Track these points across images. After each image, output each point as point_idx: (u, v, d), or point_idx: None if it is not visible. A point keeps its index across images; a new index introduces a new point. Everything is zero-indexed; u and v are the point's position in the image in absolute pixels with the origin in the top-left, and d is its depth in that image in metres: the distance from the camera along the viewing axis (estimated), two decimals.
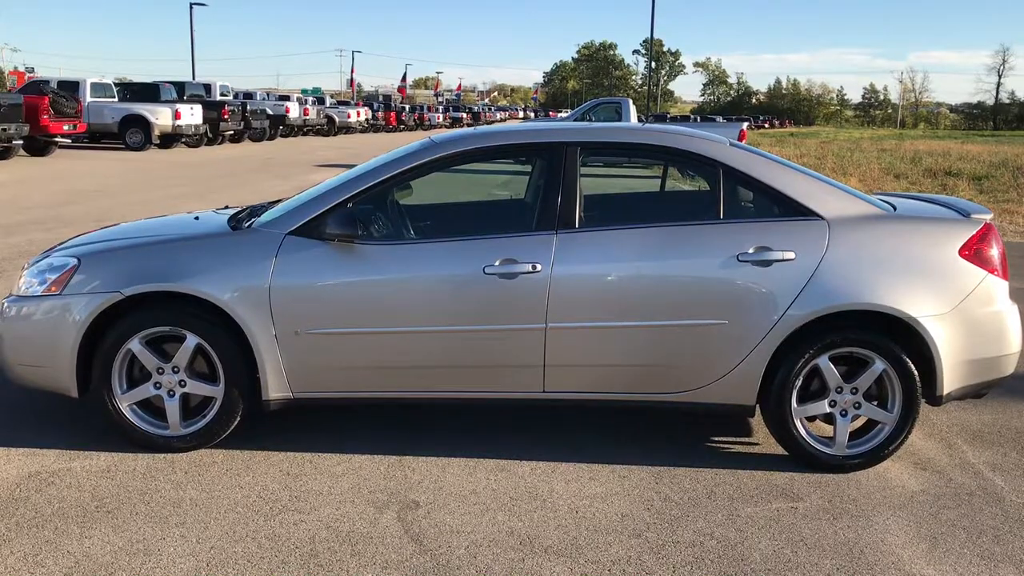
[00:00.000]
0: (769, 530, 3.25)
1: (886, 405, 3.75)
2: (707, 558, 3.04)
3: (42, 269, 3.89)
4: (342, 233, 3.68)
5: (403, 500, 3.43)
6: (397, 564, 2.95)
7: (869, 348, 3.68)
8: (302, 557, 2.98)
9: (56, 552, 2.96)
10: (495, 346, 3.71)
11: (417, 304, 3.70)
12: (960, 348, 3.68)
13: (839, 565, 3.01)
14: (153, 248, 3.86)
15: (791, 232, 3.71)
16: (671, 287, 3.69)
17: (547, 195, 3.82)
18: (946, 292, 3.67)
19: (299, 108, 36.70)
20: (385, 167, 3.91)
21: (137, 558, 2.94)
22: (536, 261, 3.66)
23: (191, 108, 25.52)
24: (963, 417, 4.51)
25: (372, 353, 3.73)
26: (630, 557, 3.04)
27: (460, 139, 4.01)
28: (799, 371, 3.69)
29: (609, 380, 3.77)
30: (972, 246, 3.74)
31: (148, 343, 3.74)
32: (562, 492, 3.53)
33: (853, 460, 3.77)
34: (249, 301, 3.66)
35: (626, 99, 22.71)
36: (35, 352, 3.79)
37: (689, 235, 3.75)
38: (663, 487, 3.60)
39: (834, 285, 3.63)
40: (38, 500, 3.35)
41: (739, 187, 3.90)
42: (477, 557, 3.01)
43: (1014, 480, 3.75)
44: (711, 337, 3.68)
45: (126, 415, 3.78)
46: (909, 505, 3.48)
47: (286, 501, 3.39)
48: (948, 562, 3.05)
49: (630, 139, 4.16)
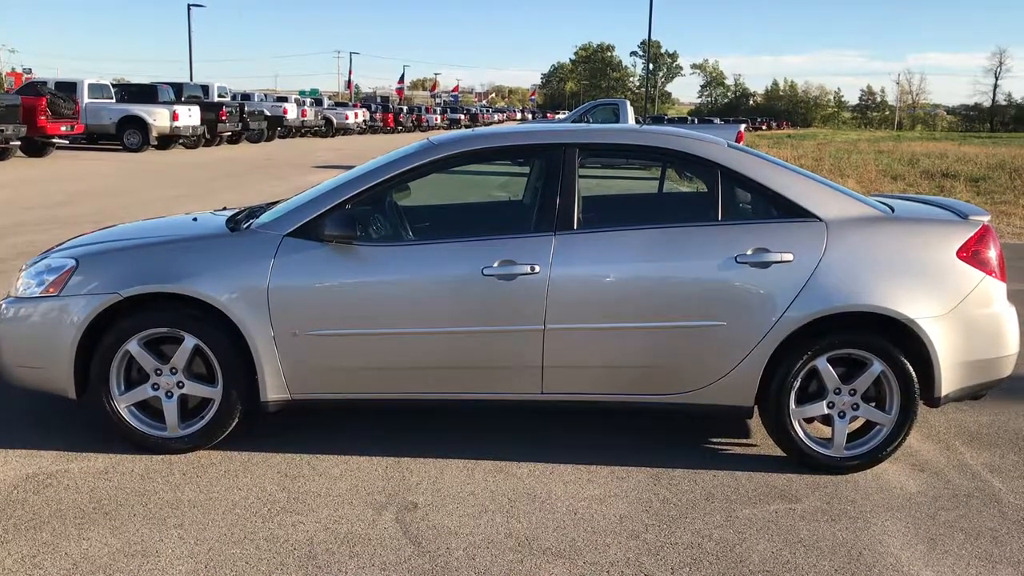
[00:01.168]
0: (767, 531, 3.25)
1: (884, 406, 3.75)
2: (705, 559, 3.04)
3: (40, 270, 3.88)
4: (341, 234, 3.68)
5: (401, 501, 3.42)
6: (395, 565, 2.95)
7: (867, 350, 3.68)
8: (300, 558, 2.98)
9: (54, 554, 2.96)
10: (493, 347, 3.71)
11: (415, 305, 3.70)
12: (958, 350, 3.68)
13: (837, 566, 3.01)
14: (151, 249, 3.86)
15: (789, 233, 3.71)
16: (669, 288, 3.69)
17: (545, 196, 3.82)
18: (944, 294, 3.68)
19: (297, 109, 36.69)
20: (384, 168, 3.91)
21: (135, 559, 2.93)
22: (535, 262, 3.66)
23: (189, 109, 25.50)
24: (961, 419, 4.51)
25: (370, 354, 3.73)
26: (628, 558, 3.04)
27: (459, 140, 4.02)
28: (797, 372, 3.70)
29: (607, 381, 3.78)
30: (970, 248, 3.75)
31: (146, 344, 3.74)
32: (560, 493, 3.53)
33: (851, 461, 3.77)
34: (247, 302, 3.66)
35: (624, 101, 22.70)
36: (33, 353, 3.78)
37: (687, 236, 3.75)
38: (661, 488, 3.60)
39: (832, 286, 3.63)
40: (36, 502, 3.34)
41: (737, 189, 3.90)
42: (475, 558, 3.01)
43: (1012, 482, 3.76)
44: (709, 338, 3.68)
45: (124, 416, 3.78)
46: (907, 506, 3.49)
47: (284, 502, 3.39)
48: (946, 563, 3.05)
49: (628, 140, 4.16)
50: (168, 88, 27.32)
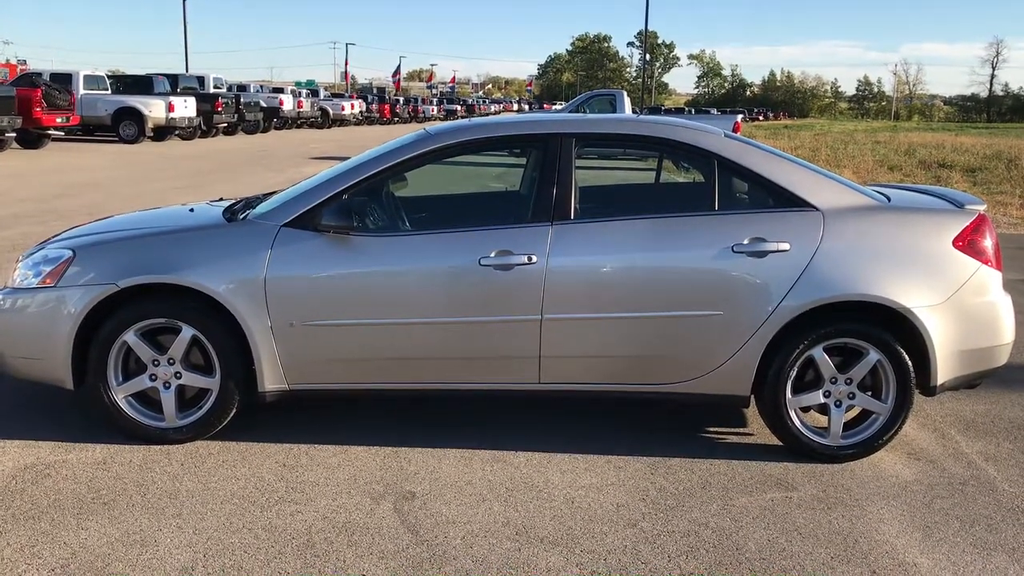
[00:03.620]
0: (764, 520, 3.27)
1: (880, 395, 3.77)
2: (702, 548, 3.06)
3: (37, 261, 3.88)
4: (337, 225, 3.68)
5: (399, 491, 3.43)
6: (393, 554, 2.96)
7: (863, 339, 3.69)
8: (299, 548, 2.99)
9: (53, 543, 2.97)
10: (491, 337, 3.72)
11: (413, 296, 3.70)
12: (954, 338, 3.69)
13: (833, 554, 3.03)
14: (148, 240, 3.86)
15: (786, 223, 3.72)
16: (666, 278, 3.69)
17: (542, 187, 3.82)
18: (940, 283, 3.69)
19: (293, 101, 36.58)
20: (380, 159, 3.91)
21: (134, 549, 2.94)
22: (531, 252, 3.66)
23: (185, 101, 25.43)
24: (957, 407, 4.53)
25: (368, 345, 3.74)
26: (625, 547, 3.05)
27: (455, 131, 4.01)
28: (794, 362, 3.71)
29: (604, 371, 3.78)
30: (966, 237, 3.76)
31: (144, 335, 3.74)
32: (558, 482, 3.54)
33: (847, 450, 3.78)
34: (244, 293, 3.66)
35: (621, 91, 22.68)
36: (30, 344, 3.78)
37: (684, 226, 3.76)
38: (658, 477, 3.61)
39: (828, 276, 3.64)
40: (34, 492, 3.35)
41: (734, 178, 3.90)
42: (473, 547, 3.02)
43: (1007, 470, 3.77)
44: (706, 328, 3.69)
45: (122, 407, 3.78)
46: (903, 495, 3.50)
47: (282, 492, 3.40)
48: (941, 551, 3.07)
49: (625, 130, 4.15)
50: (164, 79, 27.24)
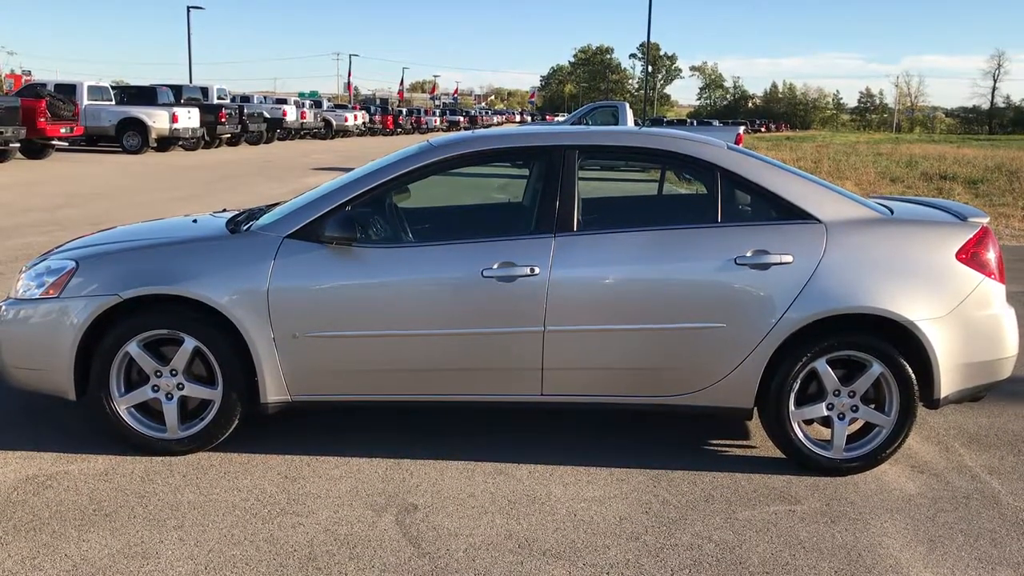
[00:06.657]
0: (767, 533, 3.26)
1: (883, 408, 3.76)
2: (705, 561, 3.04)
3: (40, 272, 3.89)
4: (340, 236, 3.68)
5: (401, 503, 3.42)
6: (395, 567, 2.95)
7: (866, 351, 3.68)
8: (300, 560, 2.98)
9: (54, 555, 2.96)
10: (493, 349, 3.71)
11: (415, 307, 3.70)
12: (957, 351, 3.69)
13: (837, 568, 3.02)
14: (151, 251, 3.86)
15: (788, 235, 3.72)
16: (669, 290, 3.69)
17: (545, 198, 3.82)
18: (943, 295, 3.68)
19: (296, 111, 36.71)
20: (383, 170, 3.92)
21: (135, 561, 2.93)
22: (534, 264, 3.67)
23: (188, 111, 25.52)
24: (960, 420, 4.52)
25: (370, 356, 3.73)
26: (628, 560, 3.04)
27: (458, 143, 4.02)
28: (797, 374, 3.70)
29: (607, 383, 3.78)
30: (969, 249, 3.75)
31: (146, 346, 3.74)
32: (560, 495, 3.53)
33: (850, 463, 3.77)
34: (247, 304, 3.66)
35: (623, 103, 22.73)
36: (33, 355, 3.78)
37: (687, 238, 3.76)
38: (661, 490, 3.60)
39: (831, 288, 3.63)
40: (35, 503, 3.34)
41: (736, 190, 3.90)
42: (475, 560, 3.01)
43: (1011, 483, 3.76)
44: (709, 340, 3.69)
45: (124, 418, 3.78)
46: (906, 508, 3.49)
47: (284, 504, 3.39)
48: (946, 565, 3.05)
49: (627, 142, 4.16)
50: (167, 90, 27.36)
